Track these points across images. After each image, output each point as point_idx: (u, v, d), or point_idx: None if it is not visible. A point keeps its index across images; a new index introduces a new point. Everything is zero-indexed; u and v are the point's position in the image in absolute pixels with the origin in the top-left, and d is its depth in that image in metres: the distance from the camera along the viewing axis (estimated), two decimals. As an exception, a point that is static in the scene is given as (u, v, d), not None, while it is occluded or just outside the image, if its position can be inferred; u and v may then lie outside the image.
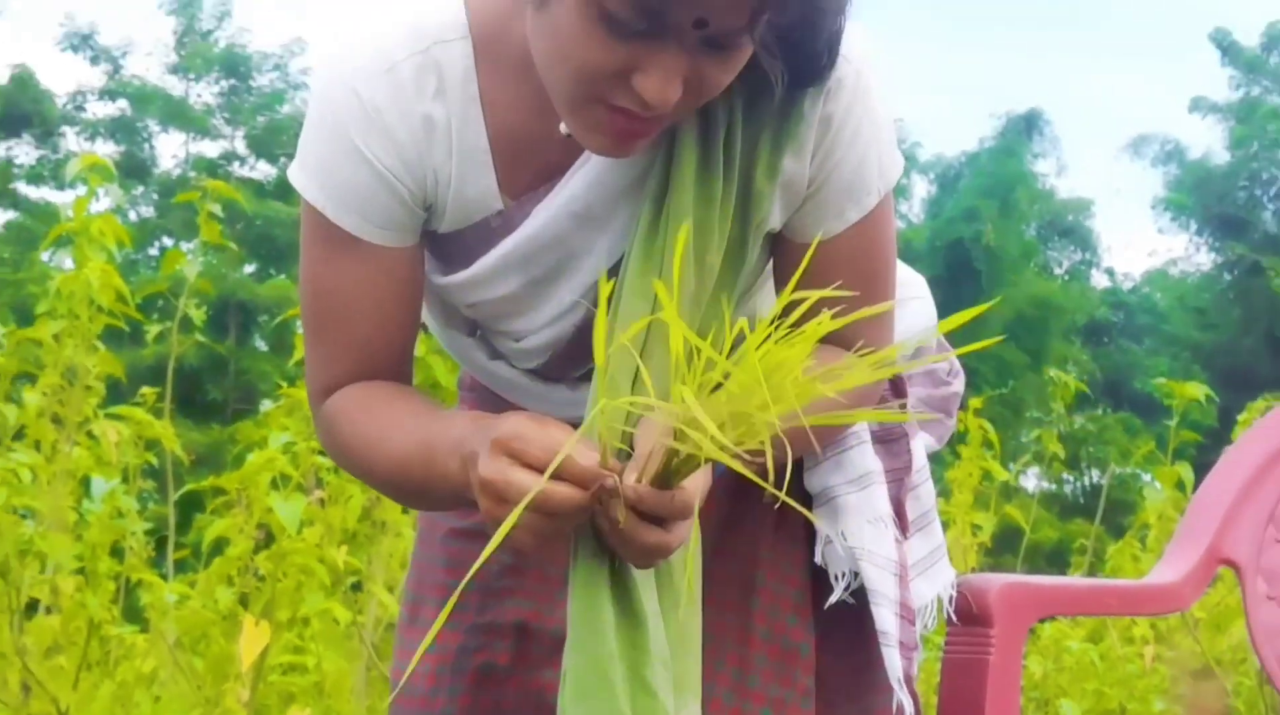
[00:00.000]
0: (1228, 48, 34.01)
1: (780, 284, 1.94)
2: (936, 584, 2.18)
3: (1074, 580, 2.02)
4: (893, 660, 2.04)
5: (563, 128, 1.77)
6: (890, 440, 2.08)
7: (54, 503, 5.66)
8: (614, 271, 1.81)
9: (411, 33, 1.78)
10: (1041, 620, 2.39)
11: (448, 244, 1.90)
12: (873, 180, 1.87)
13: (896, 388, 2.11)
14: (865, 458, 2.05)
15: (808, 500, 2.02)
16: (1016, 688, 2.37)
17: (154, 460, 6.35)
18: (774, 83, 1.73)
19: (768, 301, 2.01)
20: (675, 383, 1.54)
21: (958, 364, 2.22)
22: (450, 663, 2.09)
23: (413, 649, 2.11)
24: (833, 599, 2.02)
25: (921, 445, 2.16)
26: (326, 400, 1.94)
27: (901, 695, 2.06)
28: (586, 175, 1.83)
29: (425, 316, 2.07)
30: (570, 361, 1.98)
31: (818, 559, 2.03)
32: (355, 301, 1.87)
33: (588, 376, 1.92)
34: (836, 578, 2.02)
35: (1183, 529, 2.71)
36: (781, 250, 1.92)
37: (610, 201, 1.84)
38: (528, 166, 1.83)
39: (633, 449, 1.64)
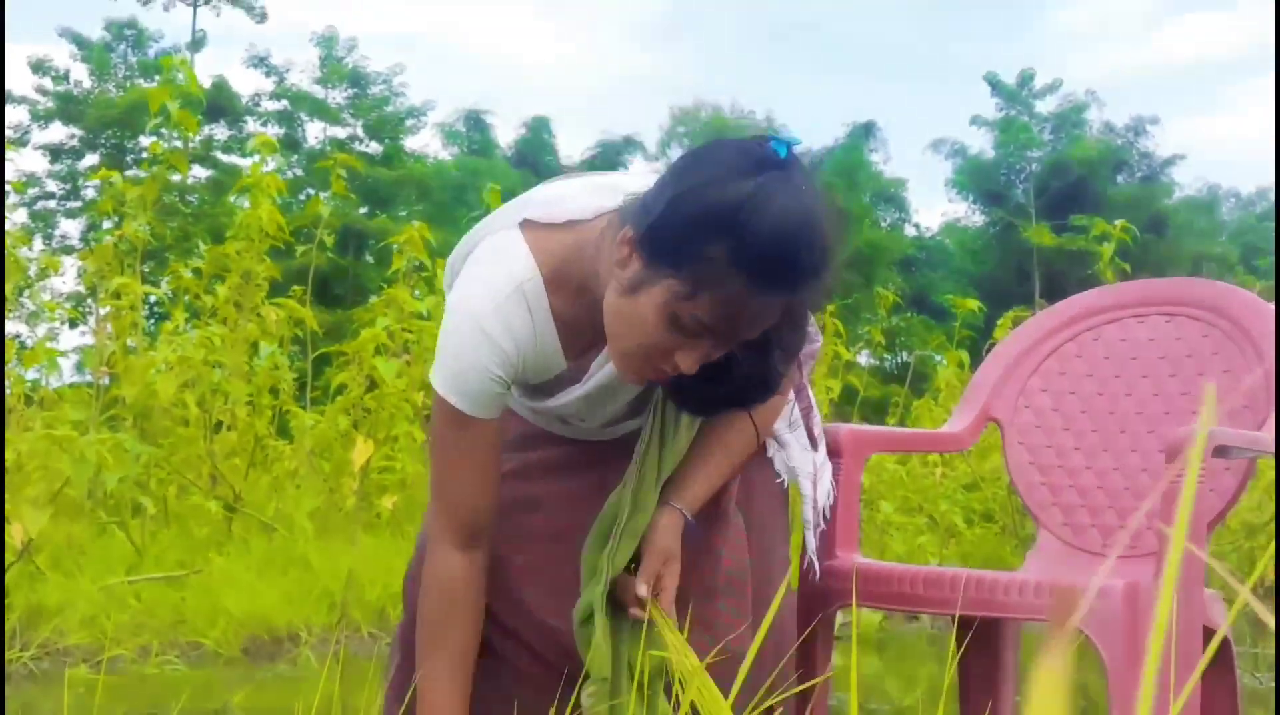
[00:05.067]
0: (995, 84, 34.10)
1: None
2: (824, 483, 2.16)
3: (892, 428, 1.99)
4: (809, 539, 2.14)
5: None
6: (799, 392, 2.07)
7: (235, 359, 5.62)
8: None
9: (506, 280, 1.75)
10: (873, 453, 2.38)
11: (533, 386, 1.91)
12: None
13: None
14: (793, 408, 2.06)
15: None
16: (856, 494, 2.36)
17: (299, 332, 6.32)
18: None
19: None
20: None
21: (815, 328, 2.14)
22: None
23: None
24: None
25: (809, 391, 2.13)
26: (440, 555, 1.87)
27: (813, 556, 2.17)
28: None
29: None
30: (602, 426, 1.98)
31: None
32: (469, 465, 1.83)
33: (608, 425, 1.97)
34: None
35: (965, 397, 2.71)
36: None
37: None
38: (580, 340, 1.82)
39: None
